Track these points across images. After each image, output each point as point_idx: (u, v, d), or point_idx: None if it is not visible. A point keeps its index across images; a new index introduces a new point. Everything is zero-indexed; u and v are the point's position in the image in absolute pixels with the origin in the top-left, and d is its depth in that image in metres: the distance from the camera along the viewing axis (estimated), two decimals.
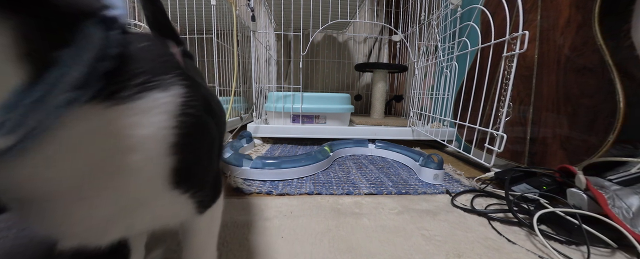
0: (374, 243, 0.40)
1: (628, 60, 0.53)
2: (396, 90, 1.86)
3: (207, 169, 0.21)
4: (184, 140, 0.17)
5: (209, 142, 0.21)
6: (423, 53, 1.19)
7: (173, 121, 0.16)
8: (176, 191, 0.18)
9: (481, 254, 0.37)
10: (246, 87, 1.61)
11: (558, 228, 0.43)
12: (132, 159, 0.14)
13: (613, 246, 0.38)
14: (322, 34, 1.76)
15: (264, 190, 0.57)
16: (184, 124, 0.17)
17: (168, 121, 0.16)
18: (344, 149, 0.94)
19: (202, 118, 0.19)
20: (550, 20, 0.67)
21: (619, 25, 0.55)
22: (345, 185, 0.62)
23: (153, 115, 0.15)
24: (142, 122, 0.14)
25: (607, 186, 0.46)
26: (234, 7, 1.11)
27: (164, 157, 0.16)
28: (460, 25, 0.90)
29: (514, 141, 0.74)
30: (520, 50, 0.59)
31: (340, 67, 1.79)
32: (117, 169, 0.14)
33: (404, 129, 1.14)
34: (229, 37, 1.34)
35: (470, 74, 0.82)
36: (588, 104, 0.57)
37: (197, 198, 0.21)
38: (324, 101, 1.14)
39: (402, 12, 1.49)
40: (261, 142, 1.12)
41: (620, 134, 0.51)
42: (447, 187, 0.63)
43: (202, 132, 0.19)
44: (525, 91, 0.72)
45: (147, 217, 0.18)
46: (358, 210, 0.50)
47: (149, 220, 0.19)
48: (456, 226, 0.45)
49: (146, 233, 0.21)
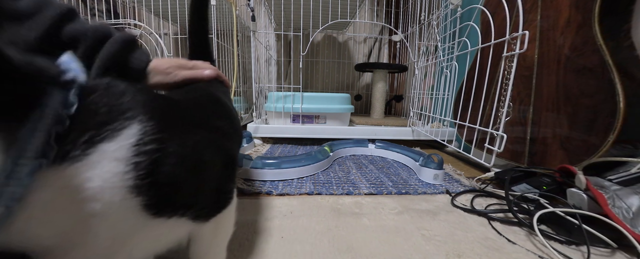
0: (374, 243, 0.40)
1: (628, 60, 0.53)
2: (396, 90, 1.86)
3: (195, 189, 0.21)
4: (148, 178, 0.17)
5: (193, 164, 0.21)
6: (423, 53, 1.19)
7: (126, 166, 0.17)
8: (160, 218, 0.19)
9: (481, 254, 0.37)
10: (246, 87, 1.61)
11: (558, 228, 0.43)
12: (97, 207, 0.16)
13: (613, 246, 0.38)
14: (322, 34, 1.76)
15: (264, 190, 0.57)
16: (143, 163, 0.17)
17: (119, 168, 0.16)
18: (344, 149, 0.94)
19: (171, 148, 0.19)
20: (550, 20, 0.67)
21: (619, 25, 0.55)
22: (345, 185, 0.62)
23: (103, 167, 0.16)
24: (93, 177, 0.16)
25: (607, 186, 0.46)
26: (234, 7, 1.11)
27: (127, 200, 0.17)
28: (460, 25, 0.90)
29: (514, 141, 0.74)
30: (520, 50, 0.59)
31: (340, 67, 1.79)
32: (90, 215, 0.16)
33: (404, 129, 1.14)
34: (229, 37, 1.34)
35: (470, 74, 0.82)
36: (588, 104, 0.57)
37: (190, 215, 0.21)
38: (324, 101, 1.14)
39: (402, 12, 1.49)
40: (261, 142, 1.12)
41: (620, 134, 0.51)
42: (447, 187, 0.63)
43: (174, 161, 0.19)
44: (525, 91, 0.72)
45: (143, 244, 0.19)
46: (358, 210, 0.50)
47: (147, 245, 0.20)
48: (456, 226, 0.45)
49: (152, 255, 0.22)
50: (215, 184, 0.24)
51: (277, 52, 1.69)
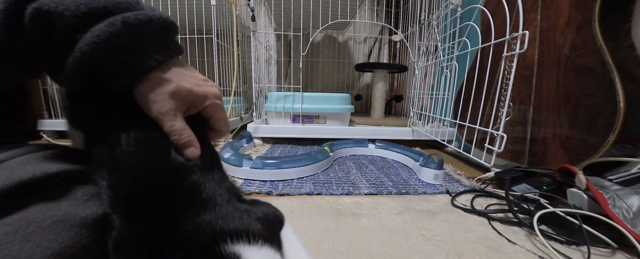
0: (374, 243, 0.40)
1: (628, 60, 0.53)
2: (396, 90, 1.86)
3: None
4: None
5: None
6: (423, 53, 1.19)
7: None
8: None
9: (481, 254, 0.37)
10: (246, 87, 1.61)
11: (558, 228, 0.43)
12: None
13: (613, 246, 0.38)
14: (322, 34, 1.76)
15: (264, 190, 0.57)
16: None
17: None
18: (344, 149, 0.94)
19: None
20: (550, 20, 0.67)
21: (619, 25, 0.55)
22: (345, 185, 0.62)
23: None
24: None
25: (608, 186, 0.46)
26: (234, 7, 1.11)
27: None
28: (460, 25, 0.90)
29: (514, 141, 0.74)
30: (520, 50, 0.59)
31: (340, 67, 1.79)
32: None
33: (404, 129, 1.14)
34: (229, 37, 1.34)
35: (470, 74, 0.82)
36: (588, 104, 0.57)
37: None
38: (324, 101, 1.14)
39: (402, 12, 1.49)
40: (261, 142, 1.12)
41: (620, 134, 0.51)
42: (447, 187, 0.63)
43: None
44: (525, 91, 0.72)
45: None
46: (358, 210, 0.50)
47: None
48: (456, 226, 0.45)
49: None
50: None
51: (277, 52, 1.69)
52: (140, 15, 0.22)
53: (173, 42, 0.26)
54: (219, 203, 0.23)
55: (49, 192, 0.21)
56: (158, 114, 0.24)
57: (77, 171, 0.23)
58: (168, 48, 0.25)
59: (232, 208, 0.24)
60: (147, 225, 0.21)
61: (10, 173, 0.20)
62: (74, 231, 0.20)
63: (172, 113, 0.25)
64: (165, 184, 0.23)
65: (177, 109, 0.25)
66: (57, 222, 0.19)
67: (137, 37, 0.23)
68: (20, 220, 0.18)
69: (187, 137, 0.25)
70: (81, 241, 0.20)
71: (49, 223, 0.19)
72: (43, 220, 0.19)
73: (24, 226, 0.18)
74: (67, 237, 0.19)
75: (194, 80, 0.26)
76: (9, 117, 0.31)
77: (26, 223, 0.18)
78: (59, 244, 0.19)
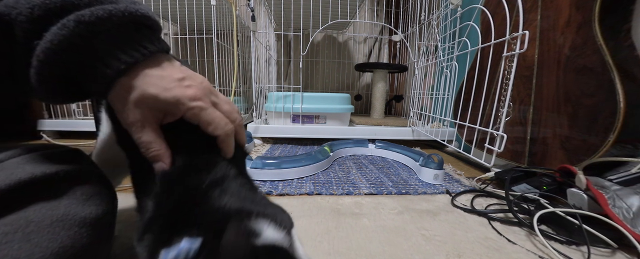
0: (374, 243, 0.39)
1: (628, 60, 0.53)
2: (396, 90, 1.86)
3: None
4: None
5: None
6: (423, 53, 1.19)
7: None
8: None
9: (481, 254, 0.37)
10: (246, 87, 1.61)
11: (558, 228, 0.43)
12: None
13: (613, 246, 0.38)
14: (322, 34, 1.76)
15: (263, 190, 0.57)
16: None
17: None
18: (344, 149, 0.94)
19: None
20: (550, 20, 0.67)
21: (619, 25, 0.55)
22: (345, 185, 0.62)
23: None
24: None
25: (608, 186, 0.46)
26: (234, 7, 1.11)
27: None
28: (460, 25, 0.90)
29: (514, 141, 0.74)
30: (521, 50, 0.59)
31: (340, 67, 1.79)
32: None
33: (404, 129, 1.14)
34: (229, 37, 1.34)
35: (470, 74, 0.82)
36: (588, 104, 0.57)
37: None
38: (324, 101, 1.14)
39: (402, 12, 1.49)
40: (261, 142, 1.12)
41: (620, 134, 0.51)
42: (447, 187, 0.63)
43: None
44: (525, 91, 0.72)
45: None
46: (358, 210, 0.50)
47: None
48: (456, 226, 0.45)
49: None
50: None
51: (277, 52, 1.69)
52: (98, 11, 0.19)
53: (148, 39, 0.22)
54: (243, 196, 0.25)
55: (48, 192, 0.21)
56: (125, 125, 0.23)
57: (77, 170, 0.23)
58: (140, 46, 0.22)
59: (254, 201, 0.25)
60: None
61: (9, 173, 0.20)
62: (73, 231, 0.20)
63: (138, 124, 0.22)
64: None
65: (145, 119, 0.22)
66: (57, 222, 0.19)
67: (96, 37, 0.20)
68: (19, 220, 0.18)
69: (155, 151, 0.23)
70: (80, 241, 0.20)
71: (49, 222, 0.19)
72: (42, 220, 0.19)
73: (24, 225, 0.18)
74: (67, 237, 0.19)
75: (163, 83, 0.22)
76: (9, 117, 0.31)
77: (25, 223, 0.18)
78: (59, 244, 0.19)
